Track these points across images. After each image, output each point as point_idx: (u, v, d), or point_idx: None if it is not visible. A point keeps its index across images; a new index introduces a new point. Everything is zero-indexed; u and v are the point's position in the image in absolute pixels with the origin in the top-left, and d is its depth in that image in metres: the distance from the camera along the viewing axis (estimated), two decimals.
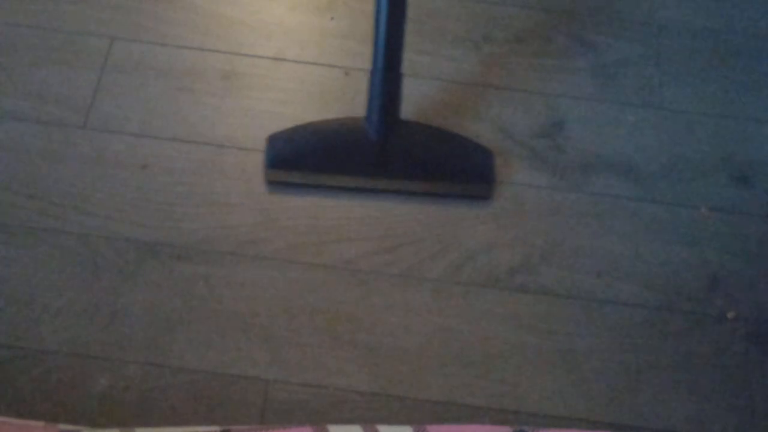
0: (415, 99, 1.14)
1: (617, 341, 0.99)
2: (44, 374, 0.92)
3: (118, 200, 1.04)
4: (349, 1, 1.21)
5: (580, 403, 0.95)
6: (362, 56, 1.16)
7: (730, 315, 1.01)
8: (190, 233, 1.02)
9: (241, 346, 0.95)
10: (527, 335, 0.99)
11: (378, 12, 1.00)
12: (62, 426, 0.72)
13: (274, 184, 1.05)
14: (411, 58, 1.16)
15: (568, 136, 1.13)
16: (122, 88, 1.12)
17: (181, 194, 1.05)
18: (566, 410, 0.95)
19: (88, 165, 1.06)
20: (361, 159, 1.06)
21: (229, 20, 1.18)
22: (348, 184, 1.05)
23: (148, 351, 0.94)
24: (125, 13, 1.17)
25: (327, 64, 1.16)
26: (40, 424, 0.70)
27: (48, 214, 1.02)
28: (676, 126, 1.15)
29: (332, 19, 1.20)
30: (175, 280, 0.99)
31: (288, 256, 1.01)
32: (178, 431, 0.72)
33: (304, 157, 1.06)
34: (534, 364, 0.97)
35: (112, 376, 0.92)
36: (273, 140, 1.07)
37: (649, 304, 1.01)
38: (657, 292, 1.02)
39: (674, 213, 1.08)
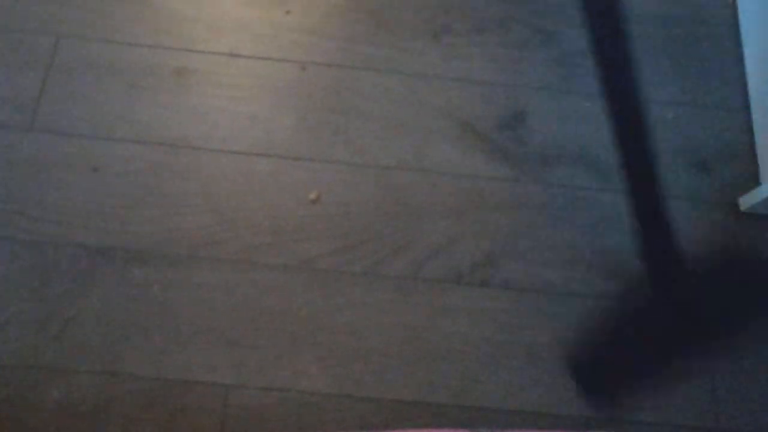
0: (375, 93, 1.12)
1: (581, 332, 0.98)
2: None
3: (68, 205, 1.00)
4: None
5: (544, 397, 0.95)
6: (319, 50, 1.14)
7: None
8: (145, 236, 0.99)
9: (199, 352, 0.93)
10: (491, 330, 0.97)
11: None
12: None
13: None
14: (368, 51, 1.14)
15: (529, 128, 1.12)
16: (70, 89, 1.08)
17: (135, 197, 1.02)
18: (531, 405, 0.94)
19: (36, 169, 1.02)
20: None
21: (181, 16, 1.15)
22: None
23: (103, 359, 0.91)
24: (71, 10, 1.13)
25: (283, 59, 1.13)
26: None
27: None
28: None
29: (287, 12, 1.17)
30: (130, 286, 0.96)
31: (246, 257, 0.99)
32: None
33: None
34: (498, 359, 0.96)
35: (64, 387, 0.89)
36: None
37: (611, 294, 1.01)
38: (620, 282, 1.02)
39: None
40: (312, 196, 1.04)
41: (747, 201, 1.07)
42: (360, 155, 1.07)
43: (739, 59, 1.18)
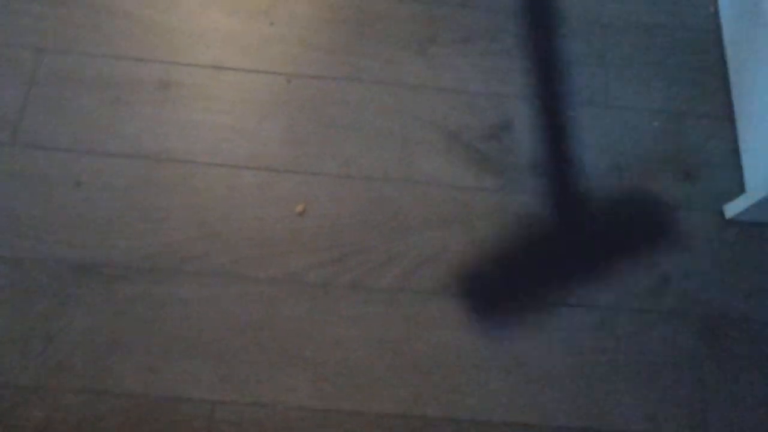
0: (361, 105, 1.11)
1: (570, 344, 0.98)
2: None
3: (51, 220, 0.99)
4: (290, 6, 1.18)
5: (534, 408, 0.94)
6: (304, 62, 1.13)
7: None
8: (129, 251, 0.98)
9: (184, 368, 0.92)
10: (480, 342, 0.97)
11: None
12: None
13: None
14: (354, 62, 1.14)
15: (515, 137, 1.12)
16: (52, 102, 1.07)
17: (118, 211, 1.01)
18: (521, 416, 0.94)
19: (18, 184, 1.01)
20: None
21: (164, 28, 1.14)
22: None
23: (87, 377, 0.90)
24: (54, 23, 1.12)
25: (268, 72, 1.13)
26: None
27: None
28: (621, 124, 1.14)
29: (272, 24, 1.17)
30: (114, 302, 0.95)
31: (232, 270, 0.98)
32: None
33: None
34: (487, 371, 0.96)
35: (47, 407, 0.88)
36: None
37: (599, 304, 1.01)
38: (607, 291, 1.02)
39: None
40: (299, 208, 1.04)
41: (732, 209, 1.07)
42: (346, 167, 1.07)
43: (723, 67, 1.19)
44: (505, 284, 1.00)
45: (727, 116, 1.16)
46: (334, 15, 1.18)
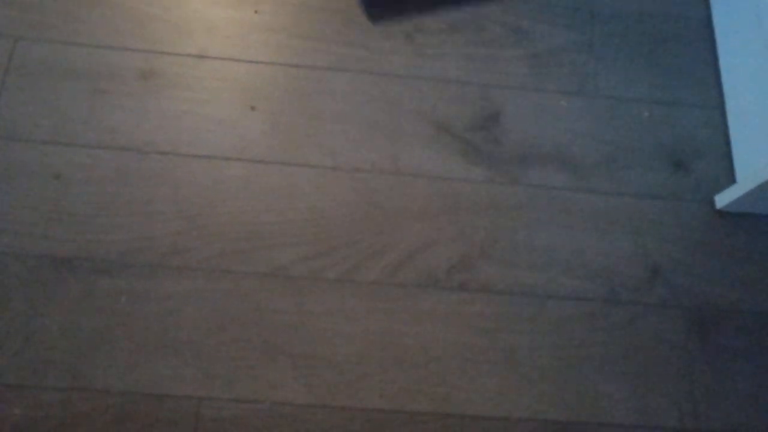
0: (347, 94, 1.09)
1: (560, 336, 0.97)
2: None
3: (30, 214, 0.96)
4: None
5: (524, 402, 0.93)
6: (290, 51, 1.11)
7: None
8: (111, 245, 0.96)
9: (169, 364, 0.90)
10: (469, 335, 0.96)
11: None
12: None
13: None
14: (340, 51, 1.12)
15: (504, 128, 1.10)
16: (29, 93, 1.04)
17: (100, 204, 0.98)
18: (511, 411, 0.93)
19: None
20: None
21: (146, 16, 1.12)
22: None
23: (68, 374, 0.88)
24: (31, 11, 1.09)
25: (252, 61, 1.11)
26: None
27: None
28: (611, 113, 1.13)
29: (256, 12, 1.14)
30: (96, 297, 0.93)
31: (217, 265, 0.96)
32: None
33: None
34: (477, 364, 0.94)
35: (27, 405, 0.86)
36: None
37: (590, 296, 1.00)
38: (598, 284, 1.01)
39: (612, 203, 1.06)
40: (285, 200, 1.02)
41: (723, 199, 1.07)
42: (333, 158, 1.05)
43: (713, 57, 1.18)
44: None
45: (717, 106, 1.15)
46: (321, 3, 1.15)
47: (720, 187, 1.09)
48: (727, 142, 1.12)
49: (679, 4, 1.23)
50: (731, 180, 1.09)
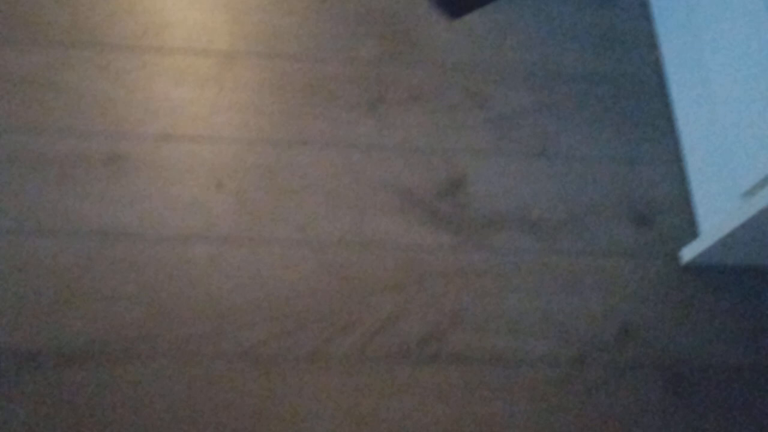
0: (312, 167, 1.10)
1: (535, 403, 0.96)
2: None
3: None
4: (238, 71, 1.18)
5: None
6: (254, 127, 1.13)
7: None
8: (76, 335, 0.95)
9: None
10: (443, 407, 0.95)
11: None
12: None
13: None
14: (303, 125, 1.13)
15: (469, 193, 1.11)
16: None
17: (64, 293, 0.98)
18: None
19: None
20: None
21: (111, 100, 1.13)
22: None
23: None
24: None
25: (218, 139, 1.12)
26: None
27: None
28: (574, 173, 1.15)
29: (221, 91, 1.16)
30: (61, 390, 0.91)
31: (185, 349, 0.95)
32: None
33: None
34: None
35: None
36: None
37: (562, 360, 0.99)
38: (570, 346, 1.01)
39: (579, 262, 1.07)
40: (252, 278, 1.02)
41: (687, 253, 1.08)
42: (299, 232, 1.05)
43: (669, 113, 1.21)
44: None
45: (676, 161, 1.17)
46: (283, 79, 1.18)
47: (684, 242, 1.10)
48: (688, 196, 1.14)
49: (634, 63, 1.27)
50: (695, 234, 1.11)
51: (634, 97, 1.23)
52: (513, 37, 1.26)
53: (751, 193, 0.95)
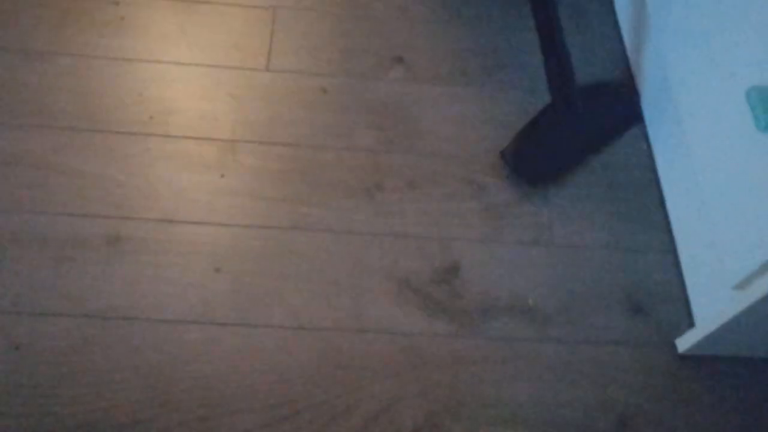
0: (310, 253, 1.12)
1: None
2: None
3: None
4: (239, 158, 1.21)
5: None
6: (254, 213, 1.15)
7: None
8: (69, 418, 0.94)
9: None
10: None
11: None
12: None
13: None
14: (302, 211, 1.16)
15: (464, 280, 1.12)
16: None
17: (59, 376, 0.97)
18: None
19: None
20: None
21: (114, 183, 1.16)
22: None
23: None
24: None
25: (218, 224, 1.14)
26: None
27: None
28: (568, 262, 1.16)
29: (222, 176, 1.19)
30: None
31: None
32: None
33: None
34: None
35: None
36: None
37: None
38: None
39: (576, 352, 1.07)
40: (248, 363, 1.01)
41: (683, 343, 1.08)
42: (295, 318, 1.06)
43: (661, 203, 1.24)
44: None
45: (670, 250, 1.19)
46: (284, 166, 1.21)
47: (680, 331, 1.10)
48: (683, 285, 1.15)
49: (624, 152, 1.30)
50: (690, 323, 1.11)
51: (626, 186, 1.26)
52: (510, 129, 1.30)
53: (743, 285, 0.96)
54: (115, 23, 1.33)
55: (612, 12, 1.48)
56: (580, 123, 1.27)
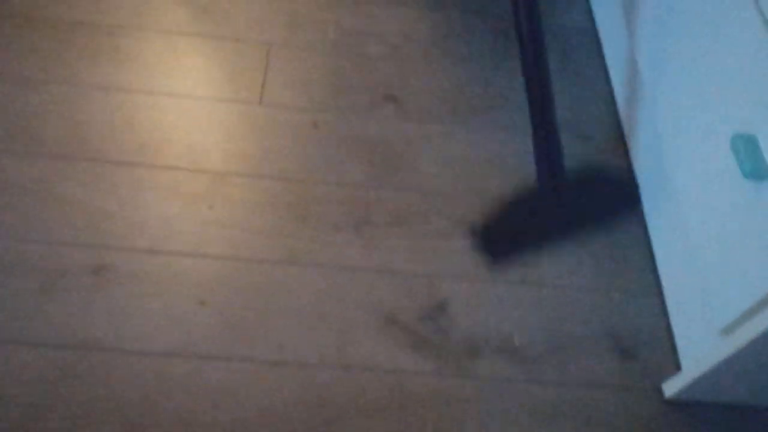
0: (296, 287, 1.11)
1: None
2: None
3: None
4: (227, 190, 1.21)
5: None
6: (241, 245, 1.14)
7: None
8: None
9: None
10: None
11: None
12: None
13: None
14: (289, 245, 1.15)
15: (451, 318, 1.12)
16: None
17: (36, 408, 0.95)
18: None
19: None
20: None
21: (101, 212, 1.15)
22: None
23: None
24: None
25: (204, 255, 1.13)
26: None
27: None
28: (556, 302, 1.16)
29: (211, 208, 1.19)
30: None
31: None
32: None
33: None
34: None
35: None
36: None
37: None
38: None
39: (561, 394, 1.06)
40: (230, 397, 0.99)
41: (670, 388, 1.07)
42: (280, 352, 1.04)
43: (648, 246, 1.24)
44: None
45: (657, 294, 1.19)
46: (272, 199, 1.20)
47: (666, 375, 1.10)
48: (669, 330, 1.15)
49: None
50: (677, 367, 1.11)
51: (614, 230, 1.26)
52: (498, 169, 1.31)
53: (729, 330, 0.96)
54: (109, 53, 1.34)
55: (603, 65, 1.50)
56: (568, 215, 1.19)
